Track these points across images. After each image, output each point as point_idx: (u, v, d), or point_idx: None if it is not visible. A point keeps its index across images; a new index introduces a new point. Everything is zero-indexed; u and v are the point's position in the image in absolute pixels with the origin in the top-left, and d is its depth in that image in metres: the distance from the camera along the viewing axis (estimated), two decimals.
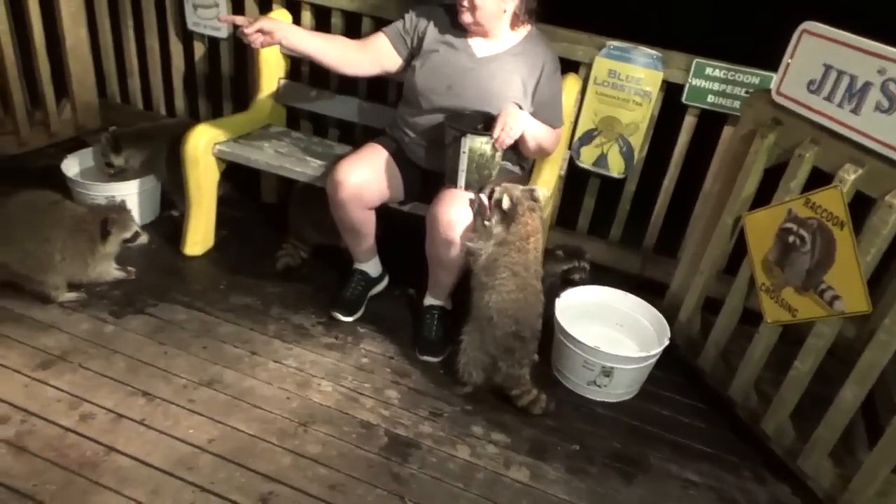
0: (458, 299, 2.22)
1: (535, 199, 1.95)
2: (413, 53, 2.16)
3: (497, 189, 1.90)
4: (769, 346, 1.90)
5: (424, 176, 2.19)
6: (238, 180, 2.79)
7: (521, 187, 1.95)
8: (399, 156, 2.20)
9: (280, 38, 2.00)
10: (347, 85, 2.69)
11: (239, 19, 2.01)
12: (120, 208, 2.25)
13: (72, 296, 2.23)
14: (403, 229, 2.30)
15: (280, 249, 2.58)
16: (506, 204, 1.87)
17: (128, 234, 2.23)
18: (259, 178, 2.94)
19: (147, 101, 3.25)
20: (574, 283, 2.37)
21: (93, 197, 2.57)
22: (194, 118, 3.14)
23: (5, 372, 1.94)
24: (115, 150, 2.63)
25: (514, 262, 1.88)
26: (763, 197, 1.95)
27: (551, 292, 2.15)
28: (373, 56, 2.16)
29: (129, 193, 2.60)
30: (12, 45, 2.80)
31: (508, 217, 1.88)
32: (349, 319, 2.28)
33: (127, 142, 2.64)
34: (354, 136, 2.81)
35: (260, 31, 1.97)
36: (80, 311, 2.20)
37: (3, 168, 2.90)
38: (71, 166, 2.69)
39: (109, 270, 2.28)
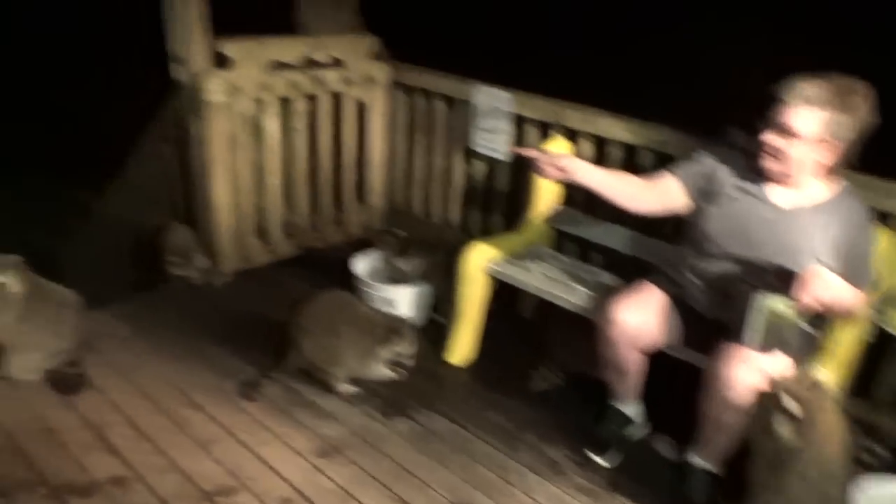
0: (731, 463, 2.02)
1: (822, 390, 1.73)
2: (703, 196, 2.10)
3: (777, 389, 1.71)
4: None
5: (705, 324, 2.08)
6: (498, 292, 2.90)
7: (801, 378, 1.75)
8: (678, 299, 2.13)
9: (574, 175, 2.08)
10: (619, 214, 2.70)
11: (534, 153, 2.15)
12: (404, 323, 2.44)
13: (351, 389, 2.45)
14: (674, 374, 2.18)
15: (536, 370, 2.60)
16: (795, 411, 1.67)
17: (404, 350, 2.40)
18: (518, 291, 3.03)
19: (426, 209, 3.57)
20: (867, 468, 2.04)
21: (374, 296, 2.84)
22: (465, 230, 3.36)
23: (292, 454, 2.17)
24: (400, 254, 2.91)
25: (806, 466, 1.66)
26: None
27: None
28: (659, 195, 2.15)
29: (406, 297, 2.84)
30: (330, 158, 3.29)
31: (798, 422, 1.68)
32: (604, 462, 2.19)
33: (412, 249, 2.90)
34: (622, 266, 2.78)
35: (556, 166, 2.08)
36: (355, 405, 2.41)
37: (307, 260, 3.36)
38: (359, 265, 3.03)
39: (384, 371, 2.48)
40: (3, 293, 2.26)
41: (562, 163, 2.07)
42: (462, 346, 2.70)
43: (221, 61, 2.78)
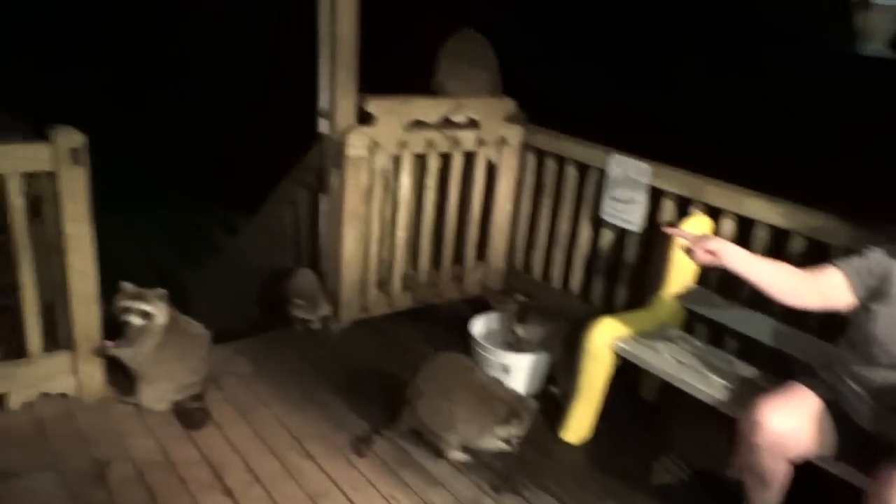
0: None
1: None
2: (872, 296, 1.90)
3: None
4: None
5: (866, 439, 1.85)
6: (619, 369, 2.75)
7: None
8: (834, 407, 1.91)
9: (726, 261, 1.95)
10: (759, 299, 2.51)
11: (685, 234, 2.05)
12: (526, 406, 2.33)
13: (461, 457, 2.37)
14: (819, 486, 1.96)
15: (659, 460, 2.42)
16: None
17: (518, 432, 2.30)
18: (641, 370, 2.87)
19: (546, 273, 3.49)
20: None
21: (490, 361, 2.78)
22: (586, 298, 3.25)
23: None
24: (520, 321, 2.83)
25: None
26: None
27: None
28: (821, 290, 1.96)
29: (522, 365, 2.75)
30: (455, 215, 3.30)
31: None
32: None
33: (531, 316, 2.83)
34: (758, 356, 2.57)
35: (707, 249, 1.96)
36: (464, 474, 2.33)
37: (423, 314, 3.36)
38: (477, 327, 2.98)
39: (497, 443, 2.38)
40: (150, 323, 2.38)
41: (713, 246, 1.95)
42: (579, 424, 2.56)
43: (364, 117, 2.88)
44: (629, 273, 3.09)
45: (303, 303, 3.04)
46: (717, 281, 2.68)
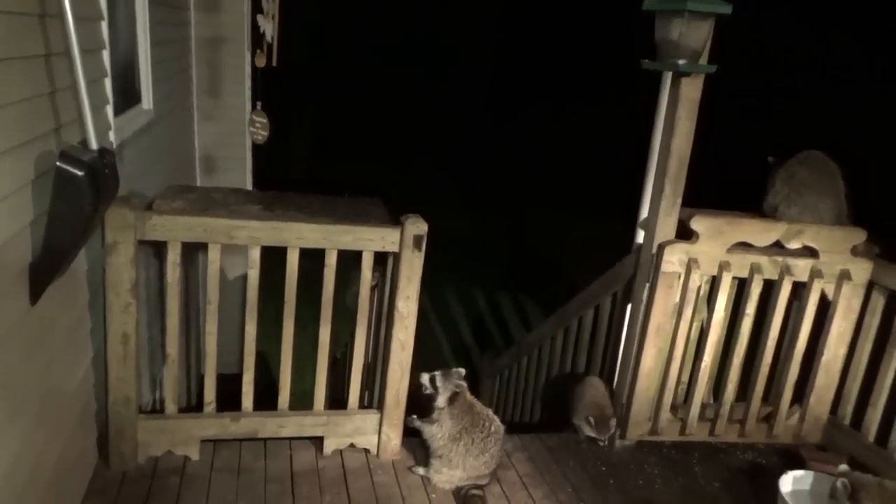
0: None
1: None
2: None
3: None
4: None
5: None
6: None
7: None
8: None
9: None
10: None
11: None
12: None
13: None
14: None
15: None
16: None
17: None
18: None
19: (883, 438, 2.89)
20: None
21: None
22: None
23: None
24: (852, 501, 2.36)
25: None
26: None
27: None
28: None
29: None
30: (773, 349, 2.94)
31: None
32: None
33: (863, 494, 2.34)
34: None
35: None
36: None
37: (718, 450, 3.02)
38: (786, 484, 2.57)
39: None
40: (448, 406, 2.53)
41: None
42: None
43: (684, 233, 2.76)
44: None
45: (591, 424, 2.89)
46: None
